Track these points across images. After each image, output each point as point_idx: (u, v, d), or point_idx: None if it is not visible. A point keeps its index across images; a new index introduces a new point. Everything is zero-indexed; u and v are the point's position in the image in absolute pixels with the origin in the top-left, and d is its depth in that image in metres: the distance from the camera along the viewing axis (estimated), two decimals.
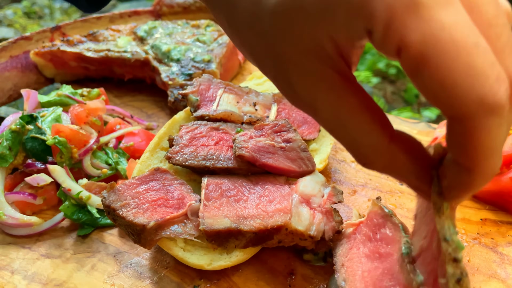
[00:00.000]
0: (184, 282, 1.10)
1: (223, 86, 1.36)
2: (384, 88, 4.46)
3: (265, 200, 1.07)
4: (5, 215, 1.24)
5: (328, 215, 1.06)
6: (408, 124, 1.62)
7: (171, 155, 1.15)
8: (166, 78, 1.67)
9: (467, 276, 0.61)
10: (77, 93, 1.55)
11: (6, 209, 1.25)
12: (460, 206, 1.29)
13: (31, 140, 1.35)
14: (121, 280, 1.11)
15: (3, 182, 1.31)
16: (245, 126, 1.24)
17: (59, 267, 1.16)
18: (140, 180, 1.10)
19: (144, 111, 1.77)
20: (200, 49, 1.76)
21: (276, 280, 1.09)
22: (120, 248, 1.20)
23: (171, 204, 1.06)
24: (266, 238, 1.04)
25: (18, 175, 1.35)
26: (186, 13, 2.14)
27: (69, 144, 1.31)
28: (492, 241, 1.18)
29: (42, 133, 1.35)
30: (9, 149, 1.32)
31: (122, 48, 1.81)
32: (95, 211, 1.24)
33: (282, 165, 1.13)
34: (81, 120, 1.40)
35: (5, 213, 1.24)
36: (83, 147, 1.34)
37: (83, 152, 1.34)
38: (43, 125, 1.36)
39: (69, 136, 1.33)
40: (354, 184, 1.38)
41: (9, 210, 1.25)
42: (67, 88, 1.57)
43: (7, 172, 1.35)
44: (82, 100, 1.51)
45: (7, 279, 1.13)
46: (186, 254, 1.06)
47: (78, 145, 1.34)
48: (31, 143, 1.34)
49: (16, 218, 1.23)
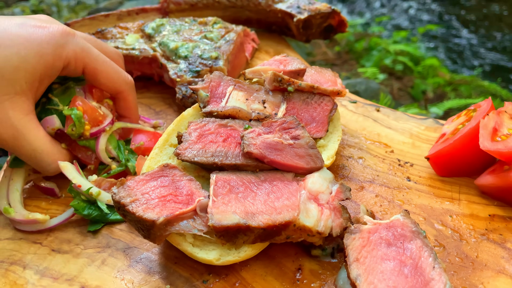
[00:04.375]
0: (193, 277, 1.11)
1: (233, 83, 1.37)
2: (391, 85, 4.45)
3: (273, 196, 1.08)
4: (15, 212, 1.26)
5: (336, 212, 1.07)
6: (415, 120, 1.62)
7: (180, 151, 1.16)
8: (174, 75, 1.68)
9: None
10: None
11: (17, 207, 1.28)
12: (469, 202, 1.29)
13: (45, 112, 1.37)
14: (131, 275, 1.13)
15: (21, 180, 1.34)
16: (253, 123, 1.25)
17: (70, 262, 1.18)
18: (149, 176, 1.11)
19: (152, 108, 1.78)
20: (207, 46, 1.76)
21: (284, 275, 1.10)
22: (130, 243, 1.22)
23: (180, 200, 1.07)
24: (274, 234, 1.05)
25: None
26: (193, 10, 2.15)
27: (83, 119, 1.33)
28: (501, 237, 1.18)
29: (55, 104, 1.37)
30: None
31: (130, 45, 1.82)
32: (105, 207, 1.26)
33: (290, 162, 1.14)
34: (97, 97, 1.41)
35: (15, 210, 1.27)
36: (96, 127, 1.36)
37: (96, 132, 1.35)
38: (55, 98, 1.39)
39: (87, 111, 1.34)
40: (361, 180, 1.38)
41: (19, 208, 1.28)
42: None
43: (26, 173, 1.37)
44: None
45: (19, 274, 1.15)
46: (195, 249, 1.07)
47: (92, 123, 1.35)
48: (44, 114, 1.36)
49: (22, 214, 1.26)
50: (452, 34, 5.76)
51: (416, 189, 1.34)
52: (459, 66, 5.08)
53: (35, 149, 1.27)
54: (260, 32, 2.22)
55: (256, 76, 1.43)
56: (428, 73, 4.56)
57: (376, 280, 0.93)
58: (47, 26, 1.28)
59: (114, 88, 1.42)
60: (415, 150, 1.49)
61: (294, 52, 2.10)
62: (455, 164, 1.34)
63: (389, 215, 1.25)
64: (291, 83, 1.36)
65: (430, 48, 5.40)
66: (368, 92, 3.82)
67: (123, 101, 1.46)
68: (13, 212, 1.26)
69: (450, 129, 1.43)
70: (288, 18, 2.02)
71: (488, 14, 6.19)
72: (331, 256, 1.13)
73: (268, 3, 2.05)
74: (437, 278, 0.92)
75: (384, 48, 4.84)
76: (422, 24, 6.06)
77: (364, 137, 1.55)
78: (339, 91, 1.41)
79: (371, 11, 6.50)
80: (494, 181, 1.24)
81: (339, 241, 1.12)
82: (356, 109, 1.70)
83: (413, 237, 1.00)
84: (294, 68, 1.43)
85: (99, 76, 1.37)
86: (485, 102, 1.37)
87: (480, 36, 5.64)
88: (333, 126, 1.40)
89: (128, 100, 1.47)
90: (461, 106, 3.71)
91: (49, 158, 1.30)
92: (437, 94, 4.31)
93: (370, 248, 1.00)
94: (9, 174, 1.36)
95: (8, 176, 1.35)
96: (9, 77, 1.19)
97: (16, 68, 1.19)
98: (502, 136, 1.22)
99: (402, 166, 1.43)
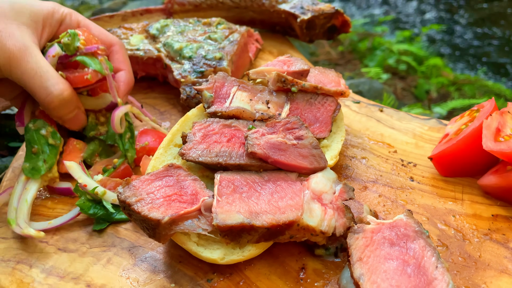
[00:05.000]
0: (197, 275, 1.12)
1: (237, 83, 1.38)
2: (395, 84, 4.44)
3: (277, 196, 1.09)
4: (16, 224, 1.23)
5: (340, 212, 1.08)
6: (418, 121, 1.63)
7: (185, 151, 1.17)
8: (178, 76, 1.69)
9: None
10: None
11: (20, 220, 1.24)
12: (472, 202, 1.29)
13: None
14: (136, 274, 1.14)
15: (34, 191, 1.29)
16: (257, 124, 1.26)
17: (76, 261, 1.19)
18: (154, 176, 1.12)
19: (156, 108, 1.80)
20: (211, 47, 1.77)
21: (288, 274, 1.11)
22: (135, 242, 1.23)
23: (184, 200, 1.09)
24: (278, 233, 1.06)
25: None
26: (197, 10, 2.16)
27: (79, 36, 1.41)
28: (503, 237, 1.18)
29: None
30: (43, 162, 1.32)
31: (135, 46, 1.83)
32: (110, 206, 1.27)
33: (294, 162, 1.15)
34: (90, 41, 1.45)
35: (17, 222, 1.23)
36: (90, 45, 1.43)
37: (91, 50, 1.41)
38: None
39: (84, 36, 1.43)
40: (364, 180, 1.39)
41: (22, 221, 1.24)
42: None
43: (42, 184, 1.33)
44: None
45: (26, 273, 1.16)
46: (200, 248, 1.08)
47: (87, 43, 1.42)
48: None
49: (20, 228, 1.22)
50: (456, 33, 5.75)
51: (419, 189, 1.35)
52: (463, 65, 5.08)
53: (40, 67, 1.28)
54: (264, 32, 2.23)
55: (260, 77, 1.44)
56: (432, 73, 4.55)
57: (379, 280, 0.94)
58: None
59: (108, 39, 1.52)
60: (418, 150, 1.49)
61: (297, 53, 2.11)
62: (458, 164, 1.34)
63: (392, 215, 1.26)
64: (295, 83, 1.37)
65: (434, 47, 5.40)
66: (371, 92, 3.82)
67: (116, 54, 1.54)
68: (14, 224, 1.23)
69: (453, 130, 1.44)
70: (292, 18, 2.03)
71: (492, 13, 6.17)
72: (334, 256, 1.14)
73: (271, 4, 2.06)
74: (440, 278, 0.92)
75: (387, 48, 4.84)
76: (426, 23, 6.06)
77: (368, 137, 1.56)
78: (343, 92, 1.42)
79: (375, 9, 6.50)
80: (497, 181, 1.25)
81: (343, 240, 1.12)
82: (359, 109, 1.70)
83: (416, 237, 1.01)
84: (297, 69, 1.44)
85: (92, 30, 1.50)
86: (488, 102, 1.37)
87: (484, 35, 5.63)
88: (336, 126, 1.41)
89: (121, 53, 1.55)
90: (464, 106, 3.71)
91: (53, 79, 1.30)
92: (440, 94, 4.30)
93: (373, 248, 1.00)
94: (24, 183, 1.30)
95: (22, 186, 1.30)
96: (17, 9, 1.33)
97: (23, 5, 1.35)
98: (505, 137, 1.22)
99: (405, 166, 1.43)
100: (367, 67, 4.63)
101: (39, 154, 1.33)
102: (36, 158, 1.32)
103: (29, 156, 1.32)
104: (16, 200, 1.27)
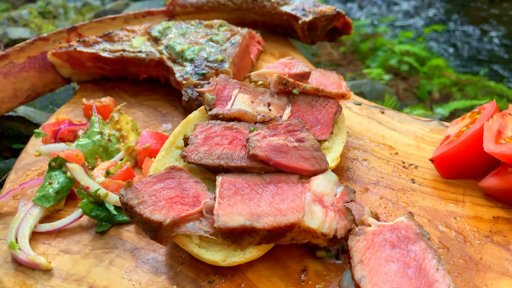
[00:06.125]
0: (199, 277, 1.12)
1: (239, 86, 1.38)
2: (397, 85, 4.44)
3: (278, 198, 1.10)
4: (19, 250, 1.20)
5: (341, 214, 1.08)
6: (420, 122, 1.63)
7: (186, 154, 1.18)
8: (180, 78, 1.70)
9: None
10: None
11: (24, 245, 1.21)
12: (473, 204, 1.29)
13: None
14: (138, 275, 1.15)
15: (38, 217, 1.28)
16: (259, 126, 1.26)
17: (78, 263, 1.19)
18: (156, 178, 1.13)
19: (158, 110, 1.80)
20: (213, 49, 1.78)
21: (289, 276, 1.12)
22: (137, 244, 1.23)
23: (186, 202, 1.09)
24: (279, 235, 1.06)
25: None
26: (199, 13, 2.16)
27: None
28: (505, 239, 1.19)
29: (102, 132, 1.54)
30: (56, 193, 1.32)
31: (137, 48, 1.84)
32: (113, 208, 1.27)
33: (295, 164, 1.15)
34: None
35: (21, 247, 1.20)
36: None
37: None
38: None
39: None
40: (366, 182, 1.39)
41: (26, 246, 1.21)
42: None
43: (45, 213, 1.31)
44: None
45: (28, 274, 1.17)
46: (201, 250, 1.09)
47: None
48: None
49: (26, 255, 1.18)
50: (458, 34, 5.74)
51: (420, 191, 1.35)
52: (465, 66, 5.07)
53: None
54: (265, 34, 2.24)
55: (262, 79, 1.44)
56: (434, 73, 4.55)
57: (380, 282, 0.94)
58: None
59: None
60: (419, 152, 1.49)
61: (299, 54, 2.12)
62: (459, 166, 1.35)
63: (393, 217, 1.26)
64: (296, 86, 1.37)
65: (436, 48, 5.39)
66: (373, 93, 3.81)
67: None
68: (17, 249, 1.19)
69: (455, 131, 1.44)
70: (293, 20, 2.03)
71: (494, 13, 6.16)
72: (335, 258, 1.14)
73: (273, 6, 2.06)
74: (440, 280, 0.93)
75: (389, 49, 4.84)
76: (427, 23, 6.05)
77: (369, 139, 1.56)
78: (344, 94, 1.42)
79: (376, 10, 6.50)
80: (498, 183, 1.25)
81: (344, 242, 1.13)
82: (360, 111, 1.70)
83: (417, 239, 1.01)
84: (299, 71, 1.44)
85: None
86: (490, 104, 1.38)
87: (487, 36, 5.62)
88: (337, 128, 1.41)
89: None
90: (466, 107, 3.70)
91: None
92: (443, 95, 4.29)
93: (375, 250, 1.01)
94: (29, 207, 1.29)
95: (27, 210, 1.28)
96: None
97: None
98: (506, 139, 1.22)
99: (407, 168, 1.44)
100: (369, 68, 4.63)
101: (54, 183, 1.33)
102: (50, 187, 1.32)
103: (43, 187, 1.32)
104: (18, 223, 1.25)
